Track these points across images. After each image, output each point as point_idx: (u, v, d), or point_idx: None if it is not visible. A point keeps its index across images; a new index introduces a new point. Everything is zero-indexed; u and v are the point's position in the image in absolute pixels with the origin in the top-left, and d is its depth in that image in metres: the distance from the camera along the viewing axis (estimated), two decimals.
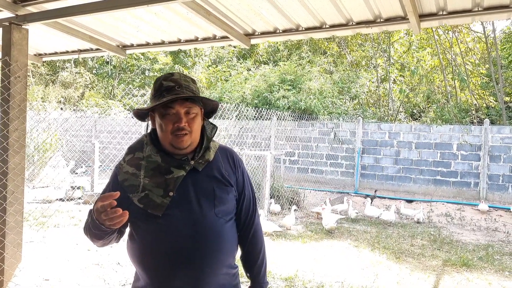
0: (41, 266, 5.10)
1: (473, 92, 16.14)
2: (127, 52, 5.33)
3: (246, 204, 1.84)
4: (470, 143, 11.66)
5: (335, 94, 16.35)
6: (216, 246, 1.66)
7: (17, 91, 3.83)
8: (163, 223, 1.63)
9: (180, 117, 1.65)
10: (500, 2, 3.25)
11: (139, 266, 1.69)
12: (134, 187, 1.68)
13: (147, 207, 1.63)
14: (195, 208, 1.65)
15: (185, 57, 21.63)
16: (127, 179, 1.70)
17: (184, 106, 1.66)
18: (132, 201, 1.66)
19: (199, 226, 1.64)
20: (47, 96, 16.99)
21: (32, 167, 10.89)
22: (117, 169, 1.77)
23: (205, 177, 1.72)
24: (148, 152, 1.72)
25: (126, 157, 1.77)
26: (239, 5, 3.75)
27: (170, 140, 1.67)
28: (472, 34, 17.61)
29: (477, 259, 6.41)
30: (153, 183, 1.66)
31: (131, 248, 1.72)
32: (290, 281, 5.07)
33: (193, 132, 1.68)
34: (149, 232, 1.66)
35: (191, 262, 1.62)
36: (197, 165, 1.71)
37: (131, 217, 1.64)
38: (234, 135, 13.26)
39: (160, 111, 1.67)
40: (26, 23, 3.87)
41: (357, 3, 3.51)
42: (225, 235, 1.71)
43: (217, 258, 1.67)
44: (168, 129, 1.66)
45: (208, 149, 1.77)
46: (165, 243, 1.63)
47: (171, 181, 1.65)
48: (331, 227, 7.70)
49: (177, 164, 1.68)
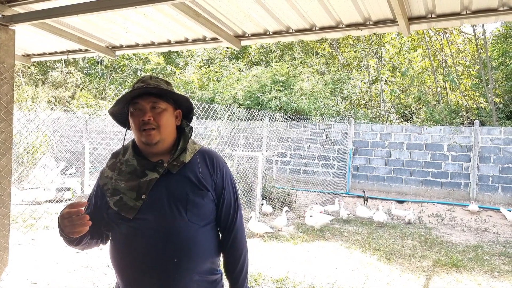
0: (29, 269, 5.04)
1: (463, 93, 16.27)
2: (116, 53, 5.29)
3: (225, 209, 1.78)
4: (460, 144, 11.74)
5: (327, 95, 16.39)
6: (186, 251, 1.63)
7: (4, 93, 3.79)
8: (134, 226, 1.63)
9: (145, 112, 1.66)
10: (488, 5, 3.27)
11: (114, 268, 1.73)
12: (111, 191, 1.69)
13: (121, 210, 1.64)
14: (167, 212, 1.63)
15: (177, 58, 21.53)
16: (106, 183, 1.72)
17: (148, 101, 1.67)
18: (109, 205, 1.68)
19: (170, 231, 1.62)
20: (37, 96, 16.84)
21: (21, 168, 10.78)
22: (100, 174, 1.79)
23: (179, 180, 1.68)
24: (127, 156, 1.73)
25: (108, 162, 1.80)
26: (228, 7, 3.74)
27: (140, 138, 1.68)
28: (463, 35, 17.74)
29: (467, 259, 6.44)
30: (127, 186, 1.67)
31: (110, 251, 1.75)
32: (281, 283, 5.06)
33: (161, 127, 1.67)
34: (122, 235, 1.67)
35: (160, 266, 1.61)
36: (171, 167, 1.69)
37: (109, 221, 1.70)
38: (226, 136, 13.24)
39: (130, 111, 1.70)
40: (13, 24, 3.83)
41: (347, 6, 3.51)
42: (198, 240, 1.66)
43: (188, 264, 1.64)
44: (136, 125, 1.67)
45: (184, 151, 1.74)
46: (135, 246, 1.63)
47: (144, 184, 1.65)
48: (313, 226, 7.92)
49: (151, 166, 1.68)
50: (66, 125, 16.53)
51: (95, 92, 22.18)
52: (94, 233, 1.73)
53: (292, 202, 10.00)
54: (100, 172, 1.80)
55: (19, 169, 10.68)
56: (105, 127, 16.11)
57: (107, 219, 1.70)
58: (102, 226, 1.73)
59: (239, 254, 1.81)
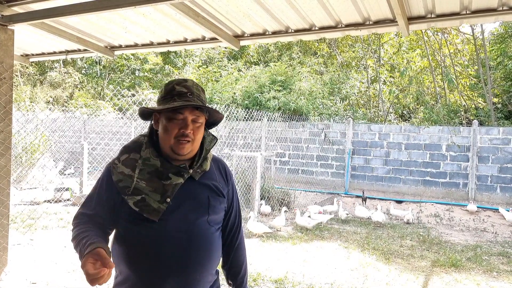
0: (28, 269, 5.03)
1: (462, 93, 16.29)
2: (115, 53, 5.28)
3: (233, 216, 1.91)
4: (458, 145, 11.76)
5: (325, 95, 16.39)
6: (207, 254, 1.70)
7: (3, 93, 3.78)
8: (157, 228, 1.63)
9: (187, 124, 1.66)
10: (488, 5, 3.27)
11: (129, 268, 1.66)
12: (128, 189, 1.66)
13: (143, 211, 1.62)
14: (189, 216, 1.68)
15: (175, 58, 21.52)
16: (122, 180, 1.67)
17: (193, 114, 1.67)
18: (126, 203, 1.64)
19: (192, 234, 1.66)
20: (35, 96, 16.80)
21: (20, 169, 10.76)
22: (111, 168, 1.72)
23: (201, 186, 1.74)
24: (147, 154, 1.70)
25: (121, 157, 1.73)
26: (227, 7, 3.73)
27: (171, 144, 1.67)
28: (461, 35, 17.76)
29: (465, 259, 6.45)
30: (150, 187, 1.65)
31: (119, 250, 1.69)
32: (280, 283, 5.06)
33: (195, 141, 1.70)
34: (142, 235, 1.64)
35: (182, 268, 1.63)
36: (195, 174, 1.73)
37: (123, 219, 1.66)
38: (224, 136, 13.23)
39: (167, 115, 1.67)
40: (12, 24, 3.82)
41: (346, 6, 3.51)
42: (214, 243, 1.75)
43: (207, 266, 1.70)
44: (173, 133, 1.66)
45: (206, 160, 1.79)
46: (158, 248, 1.63)
47: (169, 187, 1.66)
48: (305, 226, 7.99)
49: (175, 171, 1.68)
50: (65, 125, 16.50)
51: (93, 92, 22.16)
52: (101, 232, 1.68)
53: (291, 202, 10.00)
54: (111, 166, 1.73)
55: (18, 169, 10.65)
56: (103, 127, 16.10)
57: (120, 217, 1.67)
58: (108, 223, 1.70)
59: (242, 260, 1.95)
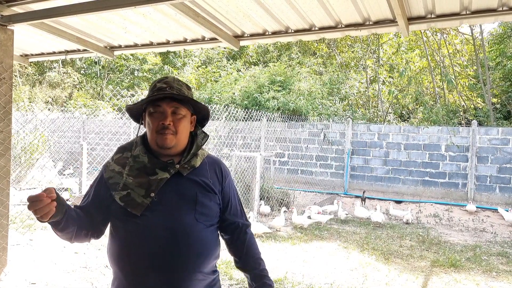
0: (27, 270, 5.02)
1: (461, 93, 16.31)
2: (115, 53, 5.28)
3: (233, 214, 1.87)
4: (457, 145, 11.76)
5: (324, 95, 16.39)
6: (194, 251, 1.66)
7: (2, 93, 3.77)
8: (141, 224, 1.64)
9: (166, 116, 1.68)
10: (488, 6, 3.27)
11: (116, 265, 1.69)
12: (117, 185, 1.69)
13: (127, 206, 1.65)
14: (174, 212, 1.66)
15: (174, 58, 21.51)
16: (112, 177, 1.72)
17: (171, 106, 1.69)
18: (114, 199, 1.67)
19: (177, 230, 1.64)
20: (34, 96, 16.78)
21: (19, 169, 10.74)
22: (104, 167, 1.79)
23: (189, 182, 1.73)
24: (137, 152, 1.74)
25: (114, 156, 1.79)
26: (227, 7, 3.73)
27: (155, 138, 1.69)
28: (460, 36, 17.79)
29: (465, 259, 6.46)
30: (136, 182, 1.68)
31: (109, 247, 1.73)
32: (279, 283, 5.06)
33: (178, 133, 1.70)
34: (127, 231, 1.66)
35: (166, 264, 1.62)
36: (182, 169, 1.72)
37: (112, 215, 1.70)
38: (223, 136, 13.22)
39: (149, 110, 1.71)
40: (12, 24, 3.82)
41: (346, 6, 3.51)
42: (204, 240, 1.71)
43: (194, 263, 1.66)
44: (153, 127, 1.69)
45: (195, 156, 1.78)
46: (141, 243, 1.63)
47: (154, 182, 1.67)
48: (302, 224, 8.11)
49: (162, 166, 1.70)
50: (64, 126, 16.49)
51: (92, 92, 22.14)
52: (86, 224, 1.69)
53: (290, 203, 10.00)
54: (104, 165, 1.80)
55: (17, 170, 10.64)
56: (103, 127, 16.08)
57: (110, 214, 1.70)
58: (99, 219, 1.72)
59: (255, 258, 1.90)
